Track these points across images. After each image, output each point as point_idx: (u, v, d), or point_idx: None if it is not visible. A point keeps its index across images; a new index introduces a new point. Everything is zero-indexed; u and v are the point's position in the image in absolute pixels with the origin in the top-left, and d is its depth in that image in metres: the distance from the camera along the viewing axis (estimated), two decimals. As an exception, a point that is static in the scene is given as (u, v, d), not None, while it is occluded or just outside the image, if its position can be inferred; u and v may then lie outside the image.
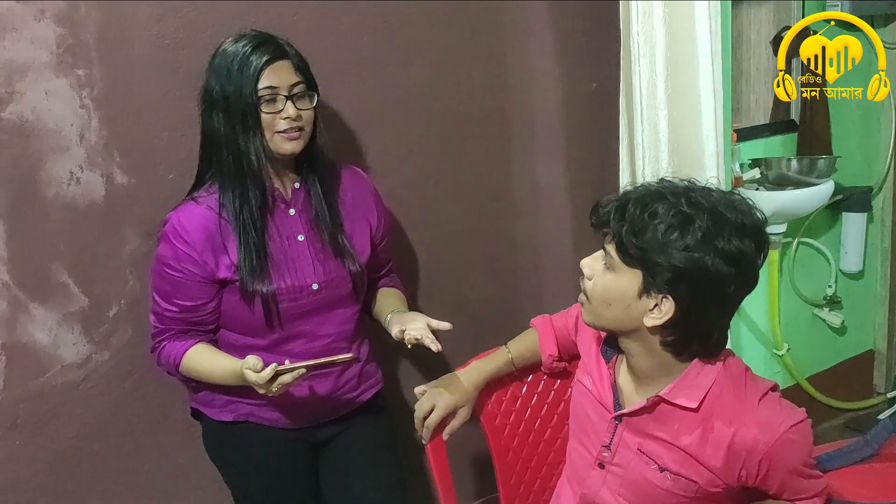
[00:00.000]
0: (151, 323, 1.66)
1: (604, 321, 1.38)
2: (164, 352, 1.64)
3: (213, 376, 1.61)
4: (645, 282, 1.28)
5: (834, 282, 3.07)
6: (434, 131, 2.11)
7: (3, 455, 1.67)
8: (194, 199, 1.60)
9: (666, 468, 1.38)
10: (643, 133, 2.17)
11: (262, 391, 1.50)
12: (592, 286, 1.36)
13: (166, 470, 1.86)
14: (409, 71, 2.03)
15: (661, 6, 2.09)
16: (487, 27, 2.15)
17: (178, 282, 1.58)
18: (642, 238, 1.25)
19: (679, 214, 1.25)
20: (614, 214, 1.29)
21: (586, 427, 1.50)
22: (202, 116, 1.59)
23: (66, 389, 1.72)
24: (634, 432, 1.42)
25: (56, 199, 1.65)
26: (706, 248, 1.23)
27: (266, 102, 1.53)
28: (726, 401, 1.33)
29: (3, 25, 1.55)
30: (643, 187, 1.33)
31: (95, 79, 1.64)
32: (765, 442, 1.29)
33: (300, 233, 1.65)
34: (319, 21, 1.87)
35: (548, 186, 2.34)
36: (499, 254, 2.29)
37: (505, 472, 1.80)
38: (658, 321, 1.29)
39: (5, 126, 1.58)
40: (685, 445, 1.35)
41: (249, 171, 1.56)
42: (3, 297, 1.63)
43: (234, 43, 1.56)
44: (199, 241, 1.56)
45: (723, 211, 1.26)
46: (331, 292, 1.67)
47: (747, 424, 1.31)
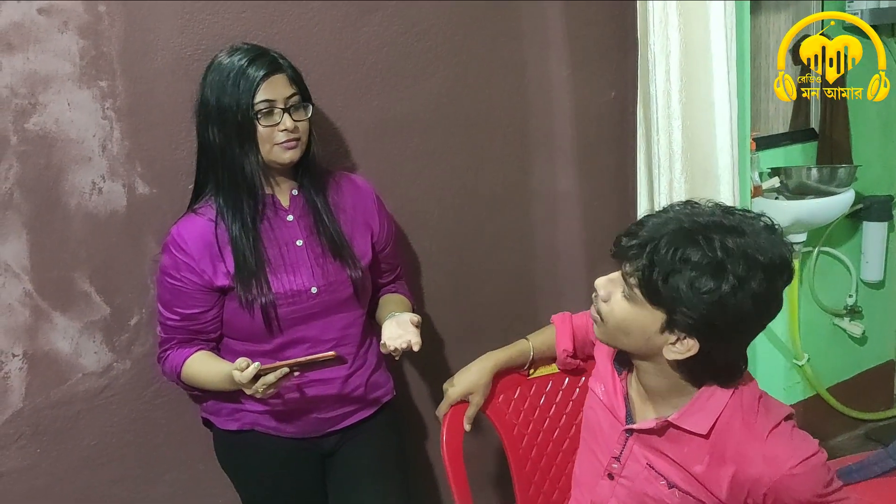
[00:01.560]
0: (157, 333, 1.69)
1: (618, 344, 1.37)
2: (167, 361, 1.67)
3: (211, 383, 1.63)
4: (669, 321, 1.26)
5: (854, 291, 3.06)
6: (453, 140, 2.11)
7: (25, 463, 1.68)
8: (194, 211, 1.64)
9: (675, 485, 1.37)
10: (658, 143, 2.17)
11: (248, 391, 1.51)
12: (609, 311, 1.33)
13: (186, 478, 1.87)
14: (429, 81, 2.04)
15: (677, 16, 2.09)
16: (507, 37, 2.15)
17: (178, 290, 1.61)
18: (672, 283, 1.22)
19: (712, 263, 1.21)
20: (641, 251, 1.25)
21: (598, 436, 1.50)
22: (198, 129, 1.62)
23: (88, 397, 1.73)
24: (644, 447, 1.41)
25: (78, 208, 1.66)
26: (738, 296, 1.21)
27: (263, 115, 1.56)
28: (735, 429, 1.31)
29: (26, 37, 1.56)
30: (668, 218, 1.28)
31: (118, 90, 1.66)
32: (769, 476, 1.26)
33: (298, 238, 1.66)
34: (340, 32, 1.88)
35: (566, 195, 2.34)
36: (517, 262, 2.29)
37: (522, 482, 1.79)
38: (680, 356, 1.28)
39: (29, 137, 1.59)
40: (693, 470, 1.34)
41: (244, 183, 1.59)
42: (26, 305, 1.64)
43: (228, 56, 1.58)
44: (196, 251, 1.59)
45: (753, 254, 1.22)
46: (331, 296, 1.68)
47: (752, 458, 1.28)
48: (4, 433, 1.65)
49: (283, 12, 1.80)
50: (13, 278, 1.62)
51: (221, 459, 1.79)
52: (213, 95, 1.56)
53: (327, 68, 1.86)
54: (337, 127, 1.92)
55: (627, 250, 1.27)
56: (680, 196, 2.15)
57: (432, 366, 2.13)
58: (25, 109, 1.58)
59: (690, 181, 2.16)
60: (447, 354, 2.18)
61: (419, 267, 2.12)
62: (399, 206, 1.96)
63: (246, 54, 1.57)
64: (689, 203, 1.32)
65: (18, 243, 1.61)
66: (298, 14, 1.83)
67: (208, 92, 1.57)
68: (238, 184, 1.59)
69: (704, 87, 2.12)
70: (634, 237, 1.27)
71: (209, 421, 1.76)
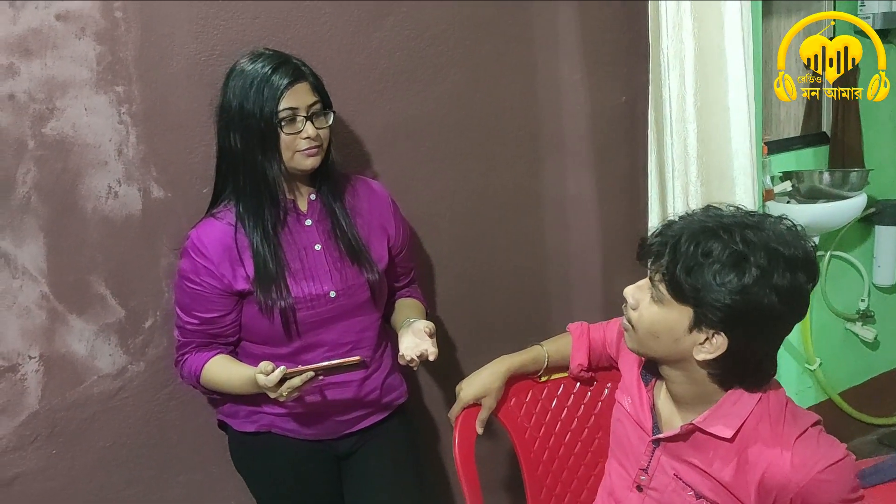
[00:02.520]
0: (175, 337, 1.70)
1: (649, 351, 1.37)
2: (185, 364, 1.68)
3: (231, 386, 1.64)
4: (696, 318, 1.27)
5: (867, 296, 3.05)
6: (465, 144, 2.12)
7: (41, 464, 1.70)
8: (213, 216, 1.65)
9: (703, 496, 1.37)
10: (672, 146, 2.18)
11: (272, 395, 1.53)
12: (638, 317, 1.34)
13: (200, 480, 1.88)
14: (441, 85, 2.05)
15: (691, 20, 2.10)
16: (518, 41, 2.16)
17: (197, 294, 1.62)
18: (696, 277, 1.24)
19: (734, 254, 1.23)
20: (665, 250, 1.27)
21: (625, 447, 1.50)
22: (218, 134, 1.63)
23: (103, 399, 1.74)
24: (672, 457, 1.41)
25: (94, 212, 1.68)
26: (762, 287, 1.22)
27: (286, 123, 1.57)
28: (762, 434, 1.30)
29: (44, 43, 1.58)
30: (692, 220, 1.31)
31: (134, 95, 1.68)
32: (796, 482, 1.26)
33: (317, 242, 1.67)
34: (353, 36, 1.90)
35: (577, 199, 2.34)
36: (528, 266, 2.29)
37: (534, 486, 1.80)
38: (709, 355, 1.28)
39: (47, 142, 1.61)
40: (720, 476, 1.33)
41: (266, 189, 1.60)
42: (43, 308, 1.66)
43: (251, 63, 1.59)
44: (216, 255, 1.60)
45: (776, 246, 1.24)
46: (349, 299, 1.69)
47: (780, 463, 1.27)
48: (21, 434, 1.67)
49: (296, 17, 1.82)
50: (31, 281, 1.63)
51: (237, 461, 1.80)
52: (236, 101, 1.57)
53: (340, 72, 1.87)
54: (349, 131, 1.93)
55: (651, 250, 1.30)
56: (695, 200, 2.15)
57: (443, 369, 2.13)
58: (43, 114, 1.60)
59: (706, 185, 2.16)
60: (458, 358, 2.19)
61: (431, 270, 2.13)
62: (411, 209, 1.97)
63: (269, 61, 1.58)
64: (711, 207, 1.34)
65: (36, 246, 1.63)
66: (312, 19, 1.84)
67: (231, 97, 1.58)
68: (260, 190, 1.60)
69: (719, 91, 2.12)
70: (656, 240, 1.30)
71: (225, 423, 1.77)
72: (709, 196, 2.16)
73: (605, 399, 1.87)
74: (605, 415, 1.86)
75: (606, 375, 1.86)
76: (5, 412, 1.65)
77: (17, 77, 1.56)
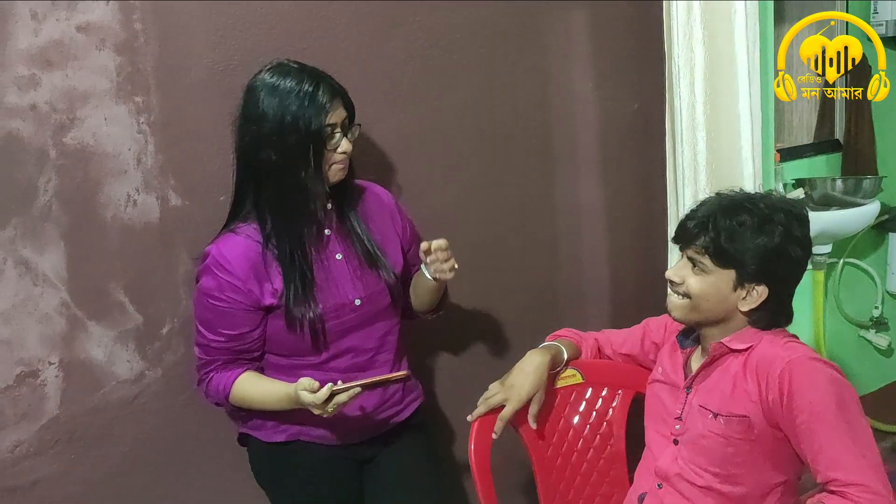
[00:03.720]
0: (196, 355, 1.68)
1: (699, 315, 1.58)
2: (211, 383, 1.66)
3: (265, 403, 1.63)
4: (738, 277, 1.52)
5: (880, 303, 3.04)
6: (478, 153, 2.13)
7: (60, 469, 1.72)
8: (232, 231, 1.63)
9: (718, 413, 1.55)
10: (683, 154, 2.18)
11: (317, 412, 1.52)
12: (686, 290, 1.57)
13: (216, 485, 1.89)
14: (454, 94, 2.06)
15: (701, 28, 2.11)
16: (530, 50, 2.17)
17: (223, 311, 1.61)
18: (737, 243, 1.50)
19: (762, 218, 1.51)
20: (704, 227, 1.53)
21: (661, 413, 1.69)
22: (245, 149, 1.61)
23: (121, 405, 1.76)
24: (699, 395, 1.61)
25: (114, 220, 1.70)
26: (787, 241, 1.51)
27: (327, 138, 1.58)
28: (767, 346, 1.55)
29: (65, 55, 1.61)
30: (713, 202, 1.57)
31: (152, 105, 1.70)
32: (783, 358, 1.49)
33: (337, 251, 1.69)
34: (367, 47, 1.92)
35: (590, 207, 2.35)
36: (541, 274, 2.30)
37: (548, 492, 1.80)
38: (754, 304, 1.54)
39: (67, 151, 1.64)
40: (732, 389, 1.54)
41: (304, 204, 1.60)
42: (63, 315, 1.68)
43: (282, 76, 1.57)
44: (241, 271, 1.59)
45: (787, 207, 1.55)
46: (372, 306, 1.70)
47: (774, 354, 1.52)
48: (41, 439, 1.69)
49: (311, 28, 1.84)
50: (51, 288, 1.66)
51: (260, 475, 1.79)
52: (273, 116, 1.55)
53: (354, 82, 1.87)
54: (363, 139, 1.94)
55: (691, 231, 1.55)
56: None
57: (455, 375, 2.15)
58: (64, 124, 1.62)
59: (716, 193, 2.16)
60: (470, 364, 2.19)
61: (444, 278, 2.13)
62: (424, 217, 1.99)
63: (310, 77, 1.57)
64: (721, 193, 1.61)
65: (56, 254, 1.65)
66: (327, 29, 1.86)
67: (264, 112, 1.55)
68: (298, 204, 1.59)
69: (729, 99, 2.13)
70: (691, 221, 1.56)
71: (247, 437, 1.77)
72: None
73: (616, 406, 1.88)
74: (617, 421, 1.87)
75: (618, 382, 1.87)
76: (26, 417, 1.67)
77: (38, 88, 1.59)
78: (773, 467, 1.54)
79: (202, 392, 1.70)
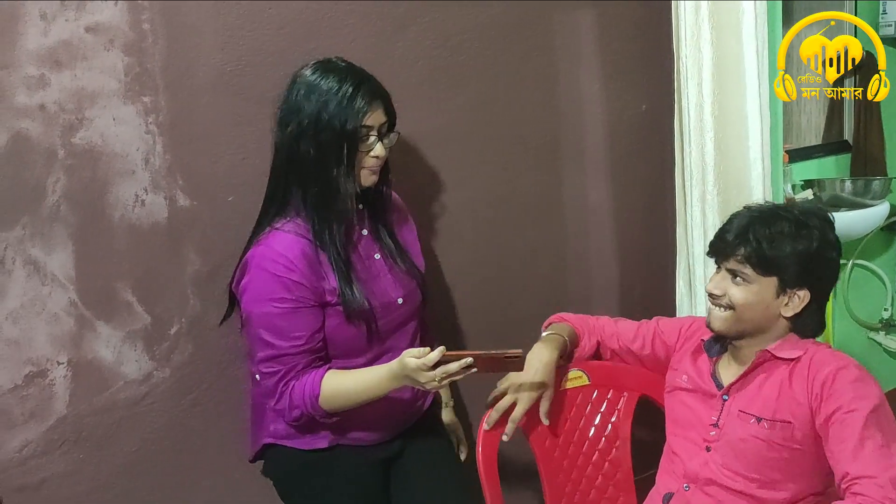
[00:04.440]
0: (264, 373, 1.59)
1: (744, 326, 1.59)
2: (294, 392, 1.58)
3: (365, 390, 1.57)
4: (780, 283, 1.55)
5: (890, 305, 3.02)
6: (486, 153, 2.13)
7: (68, 468, 1.72)
8: (278, 229, 1.59)
9: (763, 418, 1.57)
10: (691, 155, 2.18)
11: (424, 380, 1.47)
12: (729, 301, 1.58)
13: (223, 486, 1.89)
14: (462, 94, 2.06)
15: (709, 29, 2.10)
16: (539, 51, 2.17)
17: (293, 313, 1.56)
18: (778, 250, 1.53)
19: (798, 226, 1.55)
20: (744, 239, 1.55)
21: (690, 420, 1.69)
22: (286, 143, 1.58)
23: (128, 405, 1.76)
24: (739, 400, 1.61)
25: (122, 220, 1.70)
26: (824, 244, 1.56)
27: (361, 140, 1.57)
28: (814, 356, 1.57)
29: (74, 55, 1.61)
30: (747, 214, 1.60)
31: (160, 105, 1.70)
32: (833, 364, 1.52)
33: (375, 251, 1.69)
34: (375, 47, 1.92)
35: (598, 207, 2.35)
36: (549, 274, 2.30)
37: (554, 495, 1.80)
38: (797, 309, 1.57)
39: (76, 151, 1.64)
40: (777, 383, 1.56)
41: (339, 201, 1.58)
42: (71, 314, 1.68)
43: (326, 75, 1.57)
44: (304, 266, 1.56)
45: (819, 212, 1.60)
46: (411, 304, 1.71)
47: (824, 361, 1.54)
48: (49, 439, 1.69)
49: (321, 27, 1.84)
50: (59, 288, 1.66)
51: (294, 484, 1.73)
52: (312, 110, 1.54)
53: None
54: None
55: (731, 244, 1.57)
56: (712, 209, 2.15)
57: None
58: (73, 124, 1.63)
59: (723, 193, 2.16)
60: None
61: (452, 279, 2.14)
62: (432, 218, 1.99)
63: (353, 77, 1.57)
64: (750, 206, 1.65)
65: (65, 254, 1.66)
66: (336, 29, 1.86)
67: (304, 105, 1.55)
68: (332, 202, 1.58)
69: (737, 101, 2.12)
70: (730, 234, 1.58)
71: (276, 449, 1.71)
72: (726, 205, 2.15)
73: (622, 408, 1.87)
74: (622, 424, 1.87)
75: (624, 384, 1.87)
76: (34, 417, 1.67)
77: (47, 88, 1.59)
78: (812, 476, 1.55)
79: (283, 406, 1.59)
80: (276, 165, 1.63)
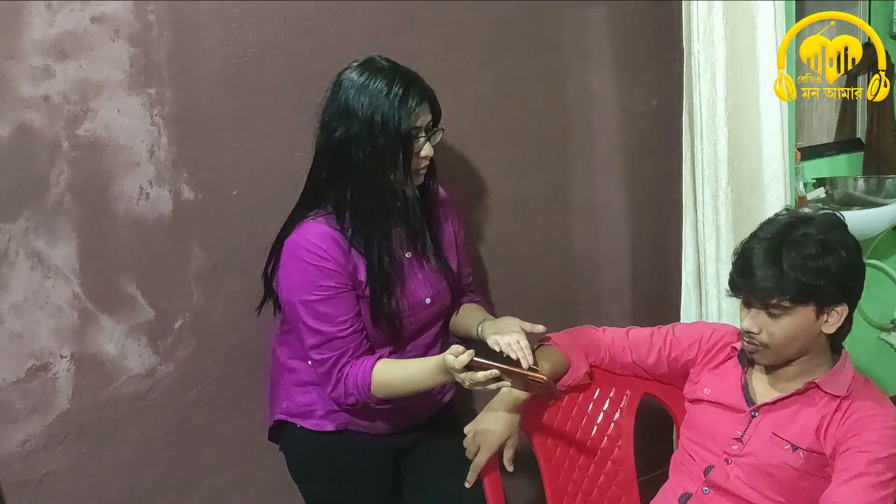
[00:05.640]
0: (316, 360, 1.59)
1: (788, 355, 1.56)
2: (349, 379, 1.58)
3: (414, 381, 1.57)
4: (819, 306, 1.51)
5: (902, 305, 2.99)
6: (494, 150, 2.11)
7: (70, 463, 1.71)
8: (312, 219, 1.58)
9: (799, 447, 1.53)
10: (703, 152, 2.15)
11: (457, 377, 1.48)
12: (770, 336, 1.53)
13: (226, 482, 1.88)
14: (470, 90, 2.04)
15: (723, 25, 2.08)
16: (547, 47, 2.15)
17: (335, 298, 1.56)
18: (811, 277, 1.48)
19: (824, 246, 1.49)
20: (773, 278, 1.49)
21: (711, 431, 1.65)
22: (333, 147, 1.55)
23: (132, 399, 1.75)
24: (771, 421, 1.58)
25: (126, 213, 1.69)
26: (849, 253, 1.51)
27: (412, 142, 1.55)
28: (860, 391, 1.55)
29: (79, 45, 1.60)
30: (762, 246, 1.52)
31: (166, 97, 1.69)
32: (872, 410, 1.51)
33: (408, 250, 1.67)
34: (382, 43, 1.89)
35: (607, 204, 2.33)
36: (558, 271, 2.28)
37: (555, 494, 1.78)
38: (839, 324, 1.54)
39: (80, 142, 1.63)
40: (818, 415, 1.54)
41: (392, 205, 1.57)
42: (75, 308, 1.67)
43: (374, 77, 1.54)
44: (338, 254, 1.56)
45: (838, 222, 1.55)
46: (439, 305, 1.70)
47: (870, 398, 1.54)
48: (51, 433, 1.68)
49: (326, 21, 1.83)
50: (63, 281, 1.65)
51: (301, 465, 1.74)
52: (364, 116, 1.52)
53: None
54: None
55: (759, 281, 1.50)
56: (725, 206, 2.13)
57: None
58: (77, 116, 1.62)
59: (736, 191, 2.14)
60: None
61: (459, 275, 2.12)
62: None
63: (402, 78, 1.54)
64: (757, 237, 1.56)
65: (68, 247, 1.65)
66: (341, 23, 1.85)
67: (355, 110, 1.52)
68: (387, 205, 1.57)
69: (751, 97, 2.10)
70: (756, 270, 1.50)
71: (287, 427, 1.72)
72: (739, 203, 2.13)
73: (624, 407, 1.85)
74: (625, 423, 1.84)
75: (626, 383, 1.85)
76: (37, 411, 1.66)
77: (52, 79, 1.58)
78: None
79: (339, 393, 1.60)
80: (317, 168, 1.60)
